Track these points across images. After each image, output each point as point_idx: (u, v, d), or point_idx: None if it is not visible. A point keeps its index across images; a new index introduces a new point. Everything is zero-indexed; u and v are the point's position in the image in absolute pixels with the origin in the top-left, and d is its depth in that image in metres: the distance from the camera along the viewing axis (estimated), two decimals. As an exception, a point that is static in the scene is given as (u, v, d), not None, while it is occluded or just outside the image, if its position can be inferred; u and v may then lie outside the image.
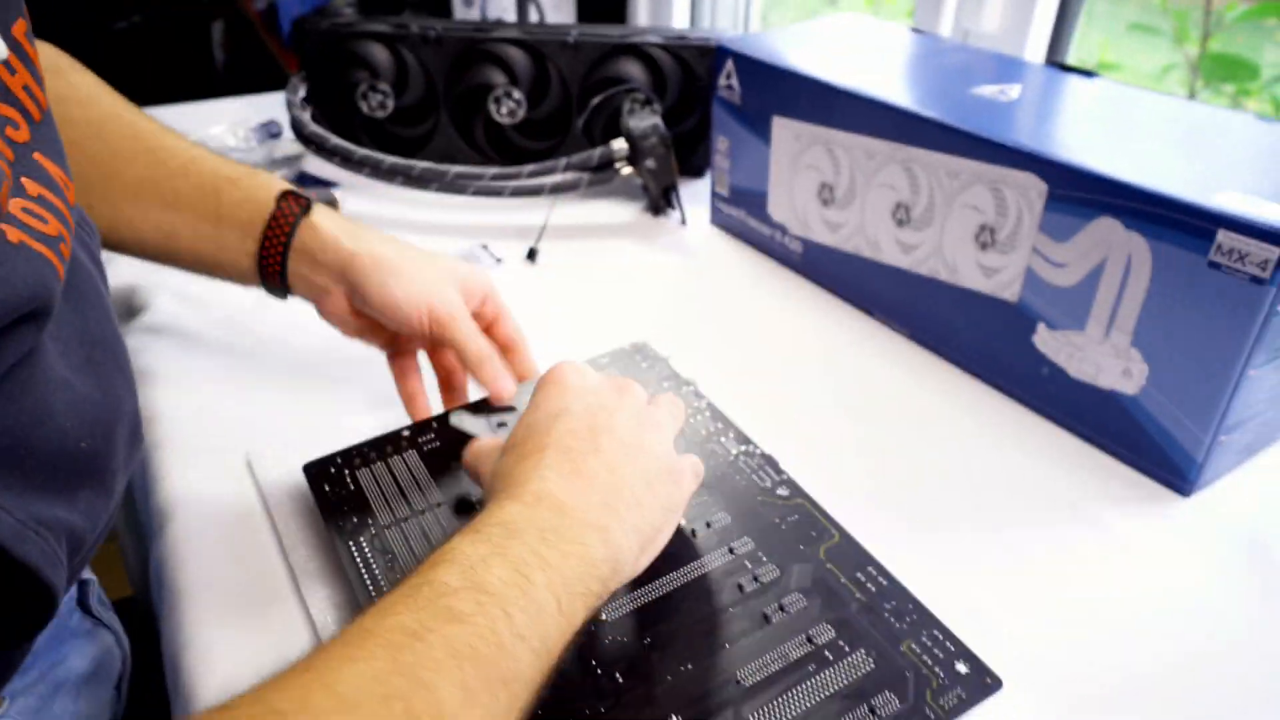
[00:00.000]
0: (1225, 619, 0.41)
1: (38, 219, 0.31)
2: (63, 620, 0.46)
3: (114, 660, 0.49)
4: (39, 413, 0.32)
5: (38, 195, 0.32)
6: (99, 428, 0.35)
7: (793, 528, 0.41)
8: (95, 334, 0.37)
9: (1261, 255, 0.41)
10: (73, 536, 0.34)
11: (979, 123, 0.53)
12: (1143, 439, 0.49)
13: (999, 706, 0.35)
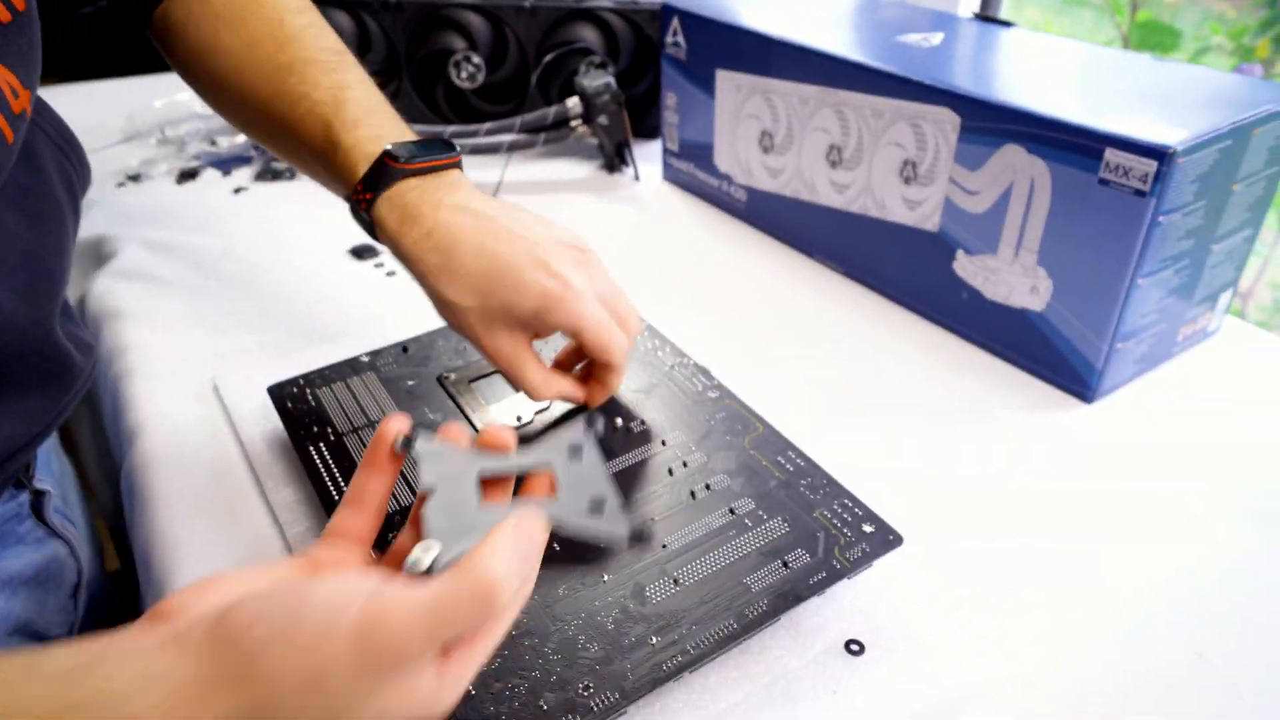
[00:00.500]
0: (1112, 505, 0.45)
1: None
2: (9, 526, 0.47)
3: (65, 569, 0.50)
4: None
5: None
6: (3, 357, 0.36)
7: (720, 423, 0.45)
8: (48, 266, 0.39)
9: (1142, 170, 0.45)
10: None
11: (901, 64, 0.57)
12: (1049, 351, 0.53)
13: (902, 561, 0.39)
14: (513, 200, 0.77)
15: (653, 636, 0.34)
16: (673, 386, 0.48)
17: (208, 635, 0.25)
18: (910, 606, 0.38)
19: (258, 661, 0.24)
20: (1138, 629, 0.39)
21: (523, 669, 0.33)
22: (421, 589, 0.26)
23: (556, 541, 0.38)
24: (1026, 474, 0.47)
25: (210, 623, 0.25)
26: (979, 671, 0.36)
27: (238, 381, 0.52)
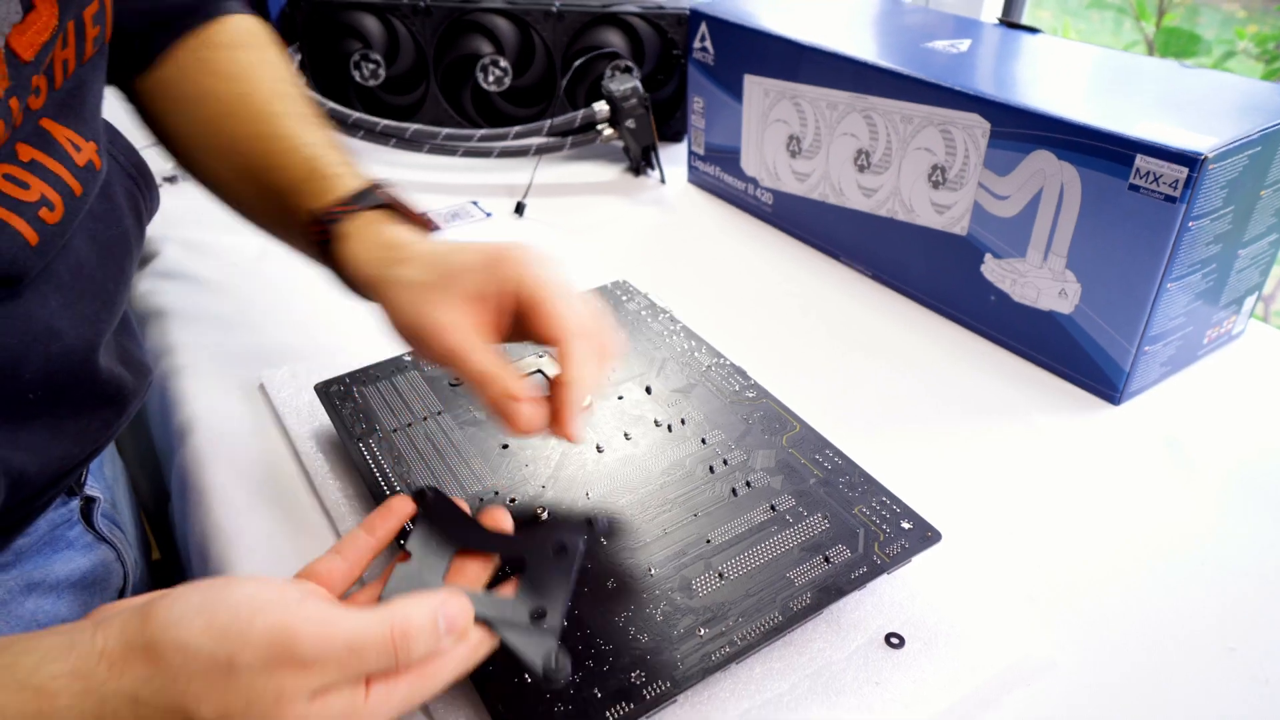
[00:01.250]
0: (1141, 505, 0.46)
1: (17, 185, 0.33)
2: (59, 532, 0.48)
3: (112, 574, 0.51)
4: (3, 360, 0.33)
5: (29, 160, 0.34)
6: (55, 382, 0.36)
7: (758, 422, 0.46)
8: (109, 292, 0.40)
9: (1173, 176, 0.46)
10: (10, 469, 0.36)
11: (930, 70, 0.58)
12: (1077, 353, 0.54)
13: (940, 557, 0.40)
14: (542, 203, 0.78)
15: (700, 628, 0.36)
16: (710, 386, 0.49)
17: (132, 613, 0.27)
18: (948, 601, 0.39)
19: (170, 635, 0.26)
20: (1169, 624, 0.40)
21: (576, 658, 0.34)
22: (340, 617, 0.27)
23: (603, 536, 0.40)
24: (1055, 473, 0.48)
25: (137, 604, 0.27)
26: (1016, 664, 0.37)
27: (283, 379, 0.54)
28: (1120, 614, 0.40)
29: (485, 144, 0.79)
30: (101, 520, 0.51)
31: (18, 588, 0.46)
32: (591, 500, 0.42)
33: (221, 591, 0.28)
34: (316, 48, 0.88)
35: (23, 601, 0.46)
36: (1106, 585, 0.41)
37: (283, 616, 0.27)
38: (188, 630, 0.26)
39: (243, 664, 0.26)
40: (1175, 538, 0.44)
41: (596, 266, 0.67)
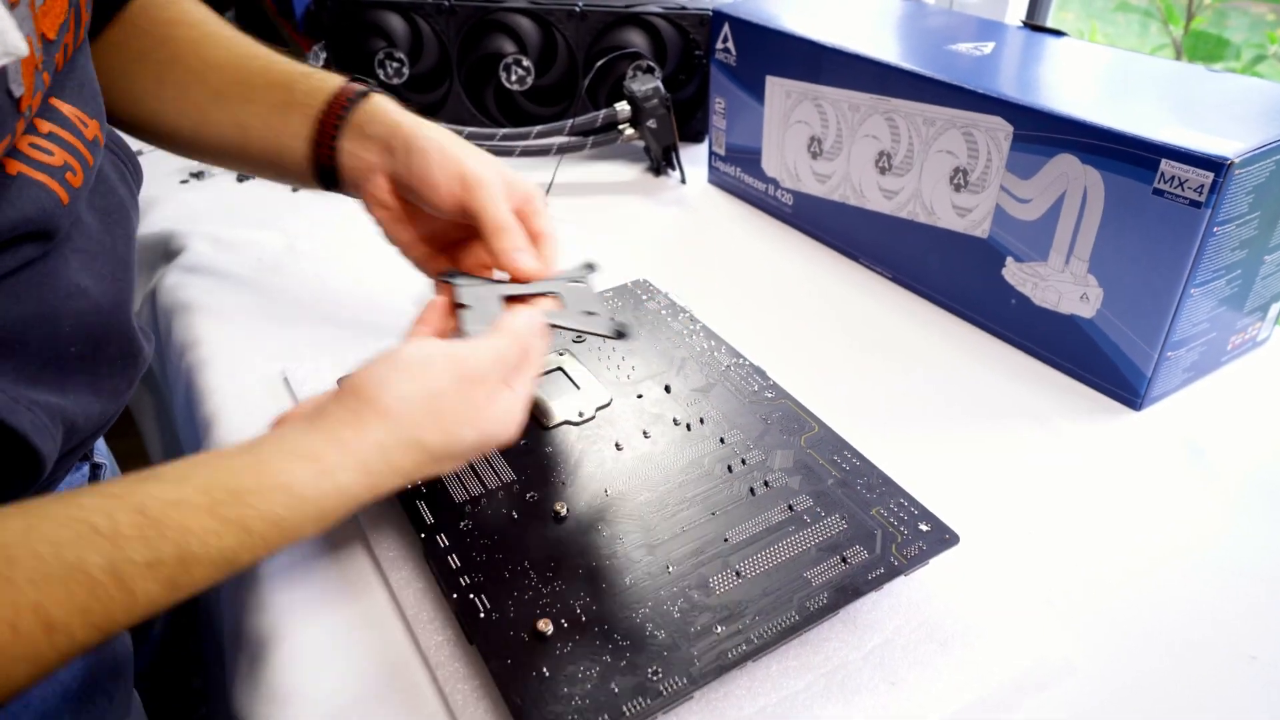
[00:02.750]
0: (1161, 510, 0.46)
1: (42, 152, 0.36)
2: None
3: None
4: (41, 315, 0.36)
5: (48, 133, 0.37)
6: (93, 337, 0.39)
7: (777, 422, 0.46)
8: (121, 254, 0.42)
9: (1198, 181, 0.46)
10: (67, 418, 0.38)
11: (953, 73, 0.58)
12: (1099, 358, 0.54)
13: (957, 559, 0.40)
14: (563, 202, 0.79)
15: (718, 625, 0.36)
16: (729, 386, 0.49)
17: (342, 393, 0.36)
18: (965, 603, 0.39)
19: (389, 392, 0.35)
20: (1189, 630, 0.39)
21: (594, 653, 0.35)
22: (483, 343, 0.38)
23: (621, 533, 0.40)
24: (1075, 478, 0.48)
25: (338, 390, 0.36)
26: (1034, 667, 0.37)
27: (306, 373, 0.54)
28: (1139, 619, 0.40)
29: (507, 143, 0.80)
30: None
31: None
32: (610, 497, 0.42)
33: (398, 357, 0.37)
34: (342, 46, 0.89)
35: None
36: (1125, 590, 0.41)
37: (448, 353, 0.37)
38: (398, 386, 0.35)
39: (443, 392, 0.36)
40: (1195, 544, 0.44)
41: (617, 265, 0.67)
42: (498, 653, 0.35)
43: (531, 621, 0.36)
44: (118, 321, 0.41)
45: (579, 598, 0.37)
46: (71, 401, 0.38)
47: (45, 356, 0.37)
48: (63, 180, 0.36)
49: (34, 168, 0.35)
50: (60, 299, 0.37)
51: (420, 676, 0.37)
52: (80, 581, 0.28)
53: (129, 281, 0.43)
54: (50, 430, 0.37)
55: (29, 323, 0.35)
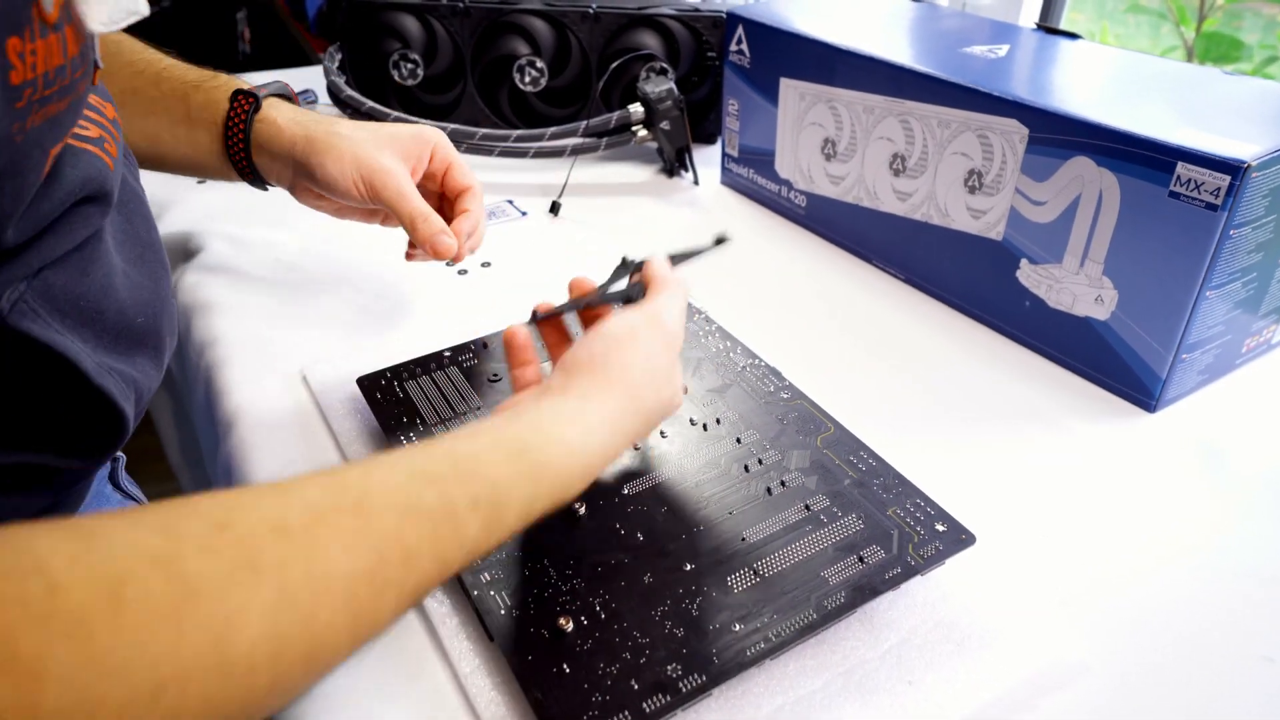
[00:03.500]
0: (1176, 512, 0.46)
1: (81, 126, 0.37)
2: (100, 487, 0.52)
3: None
4: (106, 286, 0.38)
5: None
6: (150, 309, 0.42)
7: (793, 422, 0.47)
8: (144, 239, 0.44)
9: (1215, 184, 0.46)
10: (136, 386, 0.40)
11: (968, 75, 0.58)
12: (1113, 360, 0.54)
13: (973, 560, 0.40)
14: (577, 203, 0.79)
15: (736, 624, 0.36)
16: (745, 386, 0.50)
17: (571, 370, 0.37)
18: (981, 603, 0.39)
19: (611, 367, 0.37)
20: (1205, 633, 0.40)
21: (614, 651, 0.35)
22: (660, 298, 0.40)
23: (639, 531, 0.40)
24: (1089, 479, 0.48)
25: (565, 368, 0.37)
26: (1050, 667, 0.37)
27: (325, 372, 0.55)
28: (1154, 621, 0.40)
29: (521, 144, 0.80)
30: (125, 481, 0.55)
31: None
32: (628, 497, 0.42)
33: (608, 334, 0.38)
34: (356, 47, 0.90)
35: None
36: (1140, 592, 0.41)
37: (648, 318, 0.39)
38: (620, 357, 0.37)
39: (654, 354, 0.38)
40: (1210, 545, 0.44)
41: (631, 266, 0.68)
42: (518, 650, 0.35)
43: (551, 619, 0.36)
44: (162, 298, 0.43)
45: (598, 595, 0.37)
46: (139, 371, 0.40)
47: (118, 326, 0.39)
48: (104, 149, 0.38)
49: (80, 139, 0.36)
50: (115, 275, 0.39)
51: (441, 673, 0.37)
52: (424, 513, 0.29)
53: (160, 261, 0.45)
54: (129, 395, 0.39)
55: (99, 294, 0.37)
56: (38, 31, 0.27)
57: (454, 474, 0.30)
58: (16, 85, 0.27)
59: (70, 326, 0.36)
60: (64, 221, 0.36)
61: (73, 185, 0.35)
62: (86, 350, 0.37)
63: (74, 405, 0.37)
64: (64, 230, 0.36)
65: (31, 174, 0.31)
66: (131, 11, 0.31)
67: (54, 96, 0.29)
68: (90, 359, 0.37)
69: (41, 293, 0.35)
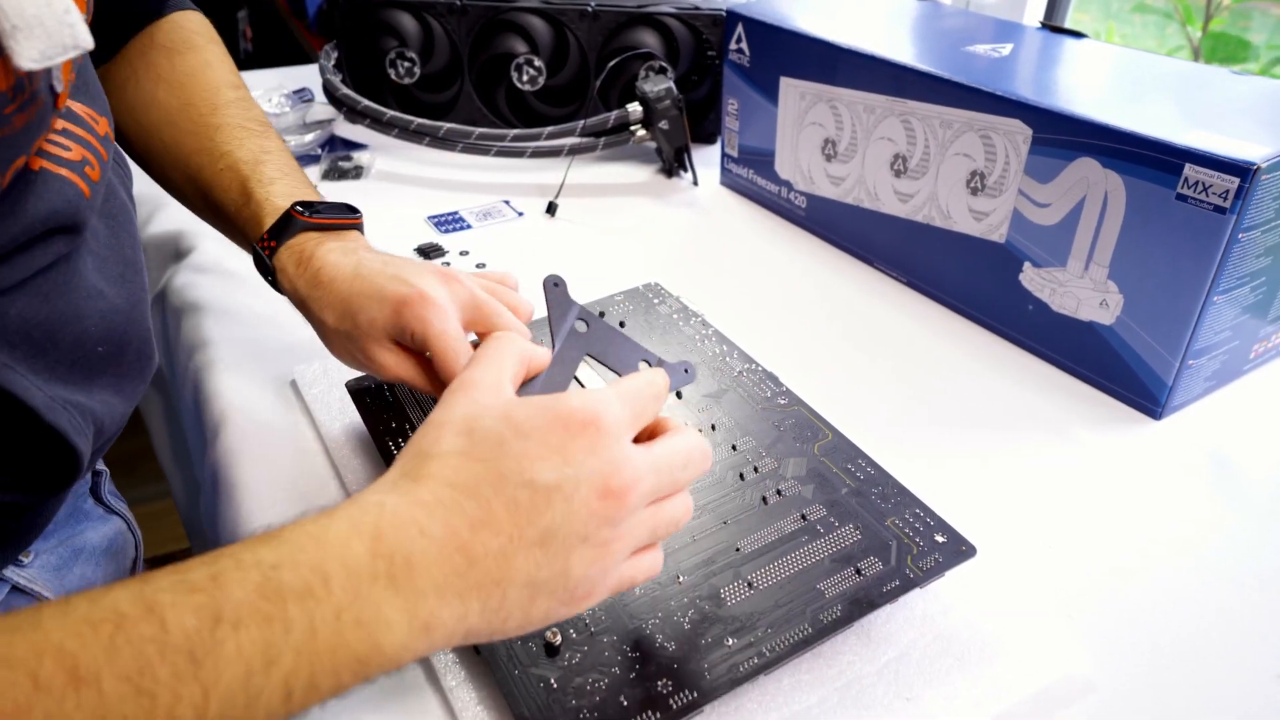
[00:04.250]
0: (1183, 522, 0.45)
1: (60, 147, 0.36)
2: (78, 503, 0.51)
3: (127, 543, 0.54)
4: (69, 315, 0.36)
5: (62, 129, 0.37)
6: (116, 336, 0.39)
7: (790, 429, 0.46)
8: (128, 257, 0.42)
9: (1223, 186, 0.45)
10: (95, 418, 0.38)
11: (971, 75, 0.57)
12: (1118, 366, 0.53)
13: (973, 572, 0.39)
14: (574, 204, 0.78)
15: (729, 638, 0.35)
16: (741, 392, 0.49)
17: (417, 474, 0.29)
18: (981, 617, 0.38)
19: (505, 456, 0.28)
20: (1214, 647, 0.38)
21: (603, 665, 0.34)
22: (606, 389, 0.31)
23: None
24: (1094, 488, 0.47)
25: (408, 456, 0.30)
26: (1054, 683, 0.36)
27: (314, 376, 0.54)
28: (1160, 634, 0.39)
29: (518, 144, 0.79)
30: (108, 494, 0.54)
31: (66, 554, 0.49)
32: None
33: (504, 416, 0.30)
34: (353, 45, 0.89)
35: (71, 568, 0.48)
36: (1146, 604, 0.40)
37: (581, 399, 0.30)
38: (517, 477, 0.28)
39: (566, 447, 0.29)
40: (1217, 555, 0.43)
41: (628, 268, 0.67)
42: (504, 663, 0.35)
43: (540, 632, 0.35)
44: (135, 322, 0.41)
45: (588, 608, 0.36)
46: (98, 402, 0.38)
47: (74, 357, 0.37)
48: (82, 174, 0.37)
49: (55, 163, 0.35)
50: (83, 299, 0.37)
51: (424, 685, 0.36)
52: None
53: (140, 283, 0.43)
54: (84, 430, 0.37)
55: (57, 322, 0.36)
56: None
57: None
58: None
59: (19, 359, 0.34)
60: (22, 253, 0.34)
61: (36, 217, 0.33)
62: (38, 384, 0.35)
63: (22, 441, 0.35)
64: (22, 261, 0.34)
65: None
66: (69, 46, 0.29)
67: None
68: (41, 394, 0.34)
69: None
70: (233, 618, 0.24)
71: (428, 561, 0.27)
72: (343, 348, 0.43)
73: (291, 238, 0.45)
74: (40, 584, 0.46)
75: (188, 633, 0.23)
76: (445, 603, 0.27)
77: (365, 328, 0.41)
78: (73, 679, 0.22)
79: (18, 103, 0.30)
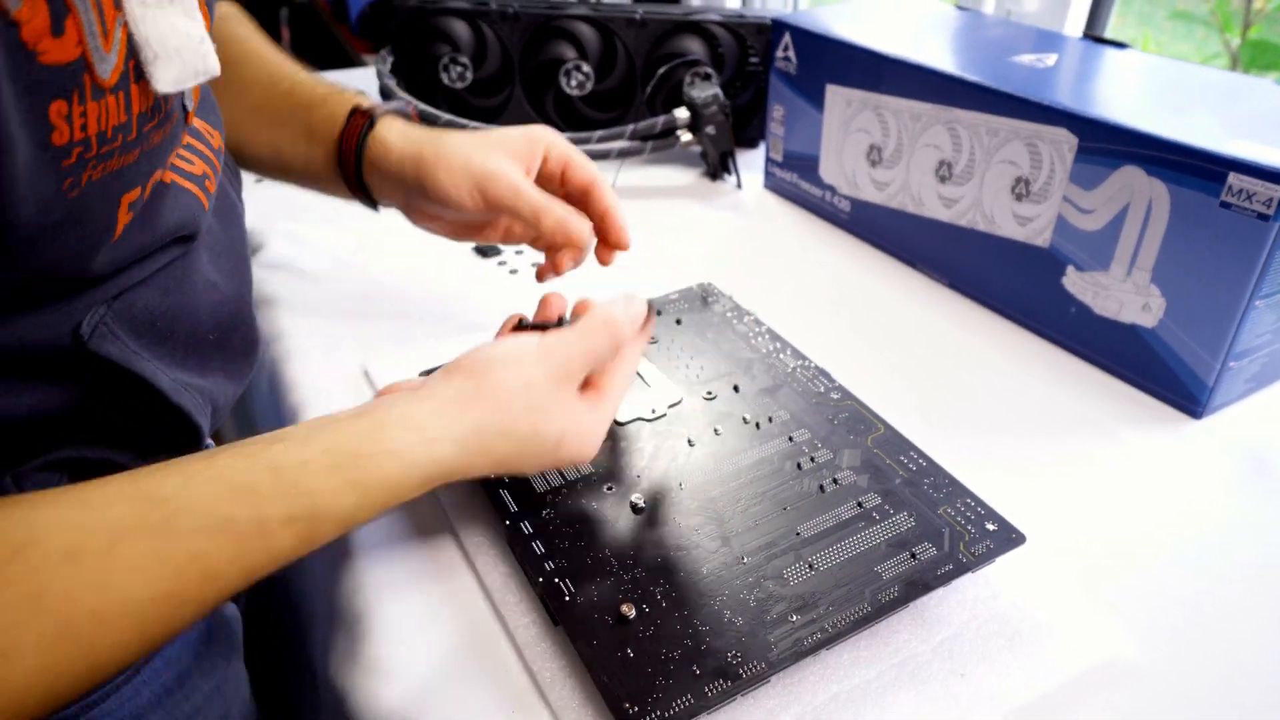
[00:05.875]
0: (1223, 518, 0.47)
1: (187, 162, 0.39)
2: None
3: None
4: (183, 305, 0.40)
5: (189, 144, 0.40)
6: (226, 324, 0.43)
7: (843, 423, 0.48)
8: (238, 250, 0.46)
9: (1267, 194, 0.47)
10: (211, 398, 0.42)
11: (1017, 84, 0.59)
12: (1159, 367, 0.55)
13: (1022, 560, 0.41)
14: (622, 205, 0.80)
15: (793, 614, 0.37)
16: (796, 387, 0.51)
17: (448, 372, 0.39)
18: (1030, 602, 0.40)
19: (485, 380, 0.37)
20: (1253, 640, 0.40)
21: (676, 638, 0.37)
22: (570, 331, 0.40)
23: (697, 525, 0.42)
24: (1137, 484, 0.49)
25: (446, 369, 0.39)
26: (1101, 665, 0.38)
27: (386, 366, 0.57)
28: (1200, 625, 0.41)
29: (569, 147, 0.82)
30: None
31: None
32: (685, 491, 0.44)
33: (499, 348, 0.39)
34: (408, 50, 0.92)
35: None
36: (1187, 594, 0.42)
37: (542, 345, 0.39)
38: (498, 373, 0.38)
39: (535, 384, 0.38)
40: (1255, 550, 0.45)
41: (679, 267, 0.69)
42: (583, 634, 0.37)
43: (614, 606, 0.38)
44: (242, 310, 0.45)
45: (659, 585, 0.39)
46: (212, 384, 0.42)
47: (190, 344, 0.40)
48: (203, 187, 0.40)
49: (183, 177, 0.38)
50: (199, 292, 0.41)
51: (508, 655, 0.39)
52: (233, 533, 0.30)
53: (247, 274, 0.47)
54: (204, 409, 0.40)
55: (176, 314, 0.39)
56: (89, 95, 0.28)
57: (273, 488, 0.31)
58: (61, 145, 0.28)
59: (146, 345, 0.37)
60: (150, 257, 0.37)
61: (168, 228, 0.37)
62: (163, 369, 0.38)
63: (152, 420, 0.39)
64: (149, 263, 0.37)
65: (96, 222, 0.32)
66: (200, 72, 0.32)
67: (115, 153, 0.30)
68: (166, 377, 0.38)
69: (121, 314, 0.36)
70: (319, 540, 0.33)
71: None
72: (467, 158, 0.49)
73: (387, 113, 0.51)
74: None
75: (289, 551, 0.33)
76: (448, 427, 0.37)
77: (495, 144, 0.49)
78: (207, 576, 0.30)
79: (155, 120, 0.32)
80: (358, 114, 0.52)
